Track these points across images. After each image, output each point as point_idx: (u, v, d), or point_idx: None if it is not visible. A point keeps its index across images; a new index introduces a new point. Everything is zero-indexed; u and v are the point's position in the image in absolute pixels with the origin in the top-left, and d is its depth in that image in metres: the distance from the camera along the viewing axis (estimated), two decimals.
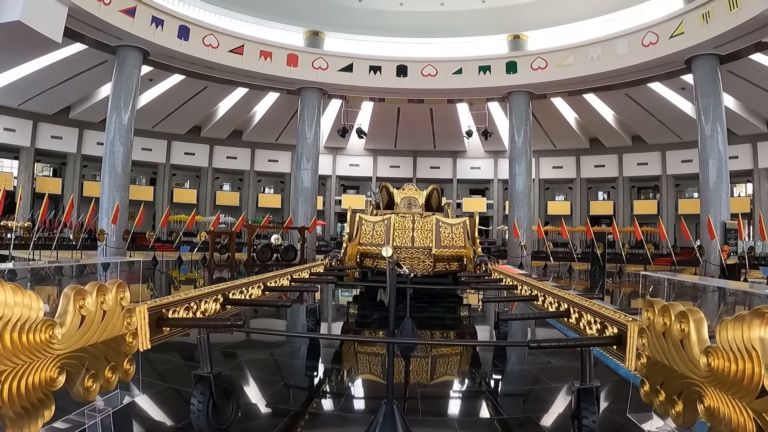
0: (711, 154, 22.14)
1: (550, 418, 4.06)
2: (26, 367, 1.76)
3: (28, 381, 1.76)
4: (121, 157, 23.19)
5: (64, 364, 1.94)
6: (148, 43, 23.52)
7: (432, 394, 4.76)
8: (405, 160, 41.80)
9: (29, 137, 32.37)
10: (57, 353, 1.90)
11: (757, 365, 1.51)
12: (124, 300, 2.32)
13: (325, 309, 10.24)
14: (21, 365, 1.74)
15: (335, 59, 28.20)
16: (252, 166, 40.25)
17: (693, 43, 22.08)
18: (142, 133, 31.78)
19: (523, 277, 5.54)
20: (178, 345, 5.83)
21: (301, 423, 3.76)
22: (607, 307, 3.12)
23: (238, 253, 24.11)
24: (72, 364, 1.98)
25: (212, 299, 3.30)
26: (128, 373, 2.30)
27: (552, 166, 39.86)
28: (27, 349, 1.76)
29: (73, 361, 1.99)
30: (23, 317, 1.75)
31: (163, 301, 2.71)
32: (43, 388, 1.82)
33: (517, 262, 23.59)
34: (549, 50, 27.21)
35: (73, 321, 2.01)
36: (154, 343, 2.55)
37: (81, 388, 2.01)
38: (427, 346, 6.49)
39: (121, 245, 21.96)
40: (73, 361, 1.99)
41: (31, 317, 1.79)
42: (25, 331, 1.76)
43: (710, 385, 1.74)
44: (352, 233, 10.73)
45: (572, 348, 5.33)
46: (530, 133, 28.03)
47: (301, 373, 5.57)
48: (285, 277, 5.00)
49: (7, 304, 1.70)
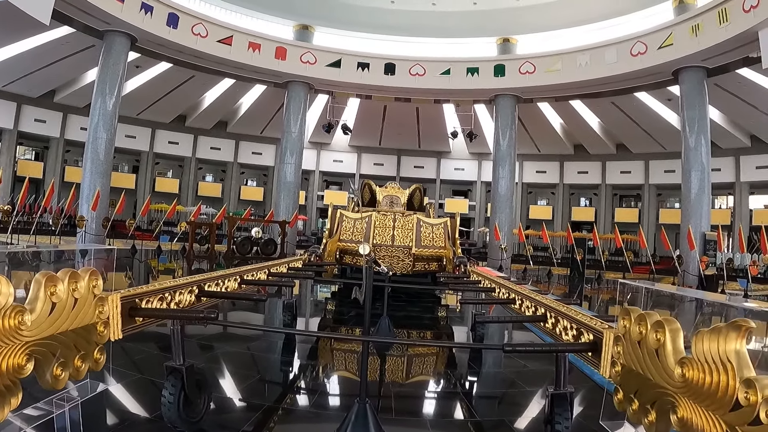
0: (694, 166, 22.33)
1: (524, 421, 4.08)
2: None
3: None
4: (104, 143, 22.93)
5: (32, 352, 1.91)
6: (136, 29, 23.23)
7: (406, 393, 4.76)
8: (389, 158, 41.76)
9: (12, 119, 31.84)
10: (26, 340, 1.88)
11: (732, 378, 1.52)
12: (96, 288, 2.29)
13: (303, 304, 10.22)
14: None
15: (324, 54, 28.07)
16: (236, 157, 39.98)
17: (681, 54, 22.22)
18: (126, 120, 31.44)
19: (502, 280, 5.56)
20: (154, 335, 5.78)
21: (274, 418, 3.74)
22: (584, 313, 3.13)
23: (218, 244, 23.97)
24: (41, 351, 1.95)
25: (187, 291, 3.26)
26: (98, 363, 2.27)
27: (535, 171, 40.00)
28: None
29: (43, 349, 1.96)
30: None
31: (137, 290, 2.68)
32: (10, 375, 1.79)
33: (496, 265, 23.67)
34: (538, 55, 27.29)
35: (44, 308, 1.98)
36: (126, 333, 2.52)
37: (50, 377, 1.98)
38: (404, 346, 6.49)
39: (100, 232, 21.74)
40: (43, 348, 1.96)
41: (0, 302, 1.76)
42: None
43: (684, 396, 1.74)
44: (333, 229, 10.71)
45: (547, 353, 5.40)
46: (515, 136, 28.10)
47: (275, 368, 5.55)
48: (263, 270, 4.96)
49: None
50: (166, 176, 39.29)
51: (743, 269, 20.17)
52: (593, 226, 31.03)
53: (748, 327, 1.57)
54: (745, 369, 1.53)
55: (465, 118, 31.40)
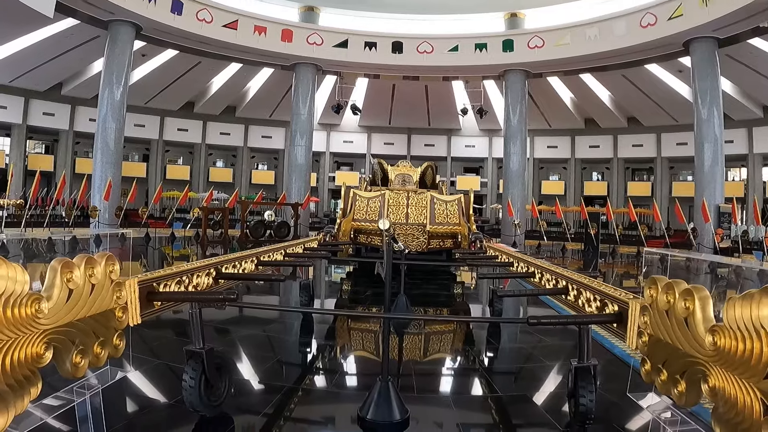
0: (707, 138, 22.09)
1: (545, 396, 4.04)
2: (11, 343, 1.70)
3: (13, 357, 1.71)
4: (114, 133, 23.00)
5: (51, 340, 1.88)
6: (140, 17, 23.15)
7: (426, 371, 4.74)
8: (399, 137, 41.56)
9: (21, 114, 31.98)
10: (43, 328, 1.84)
11: (766, 345, 1.48)
12: (113, 273, 2.26)
13: (319, 285, 10.23)
14: (5, 341, 1.68)
15: (330, 35, 27.87)
16: (245, 142, 39.94)
17: (692, 25, 21.84)
18: (134, 109, 31.45)
19: (519, 254, 5.51)
20: (173, 321, 5.79)
21: (295, 399, 3.73)
22: (606, 284, 3.08)
23: (231, 229, 24.04)
24: (59, 339, 1.92)
25: (204, 273, 3.23)
26: (118, 349, 2.24)
27: (547, 146, 39.71)
28: (12, 324, 1.70)
29: (61, 337, 1.93)
30: (8, 291, 1.69)
31: (154, 274, 2.65)
32: (29, 364, 1.76)
33: (510, 241, 23.60)
34: (546, 29, 26.93)
35: (61, 295, 1.95)
36: (145, 318, 2.50)
37: (69, 365, 1.95)
38: (421, 323, 6.46)
39: (113, 222, 21.86)
40: (61, 336, 1.93)
41: (16, 291, 1.72)
42: (10, 305, 1.70)
43: (716, 364, 1.70)
44: (346, 209, 10.66)
45: (571, 325, 5.36)
46: (526, 112, 27.89)
47: (295, 349, 5.54)
48: (279, 251, 4.94)
49: None
50: (176, 163, 39.39)
51: (758, 241, 20.01)
52: (606, 200, 30.82)
53: None
54: None
55: (475, 94, 31.16)
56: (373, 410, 3.16)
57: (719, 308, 1.69)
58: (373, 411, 3.16)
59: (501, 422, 3.60)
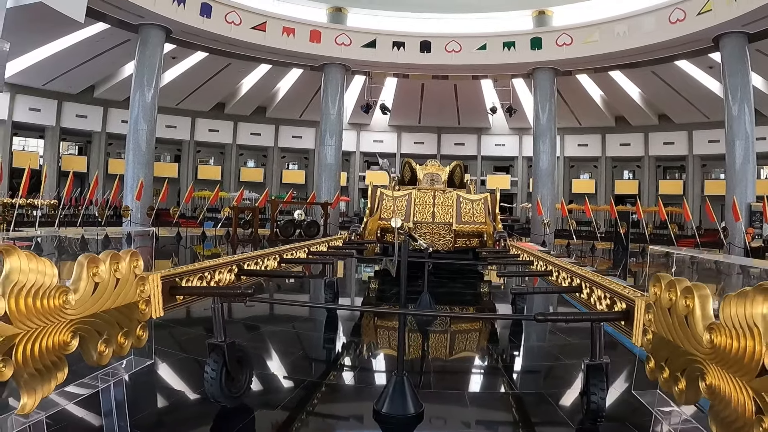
0: (738, 135, 21.71)
1: (562, 394, 4.07)
2: (40, 331, 1.82)
3: (41, 344, 1.83)
4: (145, 134, 23.47)
5: (77, 329, 2.00)
6: (170, 21, 23.58)
7: (445, 368, 4.81)
8: (429, 136, 41.54)
9: (54, 116, 32.78)
10: (70, 318, 1.96)
11: (758, 343, 1.49)
12: (137, 268, 2.37)
13: (346, 283, 10.32)
14: (35, 329, 1.80)
15: (358, 35, 28.03)
16: (276, 142, 40.31)
17: (721, 20, 21.47)
18: (166, 111, 31.98)
19: (540, 253, 5.54)
20: (199, 319, 5.93)
21: (316, 394, 3.82)
22: (618, 282, 3.10)
23: (262, 228, 24.29)
24: (85, 329, 2.04)
25: (226, 270, 3.35)
26: (141, 339, 2.36)
27: (577, 144, 39.36)
28: (41, 313, 1.82)
29: (87, 326, 2.05)
30: (37, 283, 1.81)
31: (177, 270, 2.77)
32: (56, 351, 1.88)
33: (539, 240, 23.48)
34: (574, 26, 26.73)
35: (87, 288, 2.07)
36: (167, 311, 2.61)
37: (94, 353, 2.08)
38: (444, 321, 6.52)
39: (145, 221, 22.25)
40: (87, 326, 2.05)
41: (45, 283, 1.84)
42: (39, 296, 1.82)
43: (712, 362, 1.71)
44: (373, 208, 10.76)
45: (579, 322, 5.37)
46: (555, 110, 27.70)
47: (317, 345, 5.65)
48: (302, 249, 5.04)
49: (22, 271, 1.76)
50: (208, 164, 39.93)
51: None
52: (637, 199, 30.43)
53: None
54: None
55: (503, 93, 31.08)
56: (389, 404, 3.23)
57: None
58: (388, 405, 3.23)
59: (515, 419, 3.64)
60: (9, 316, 1.69)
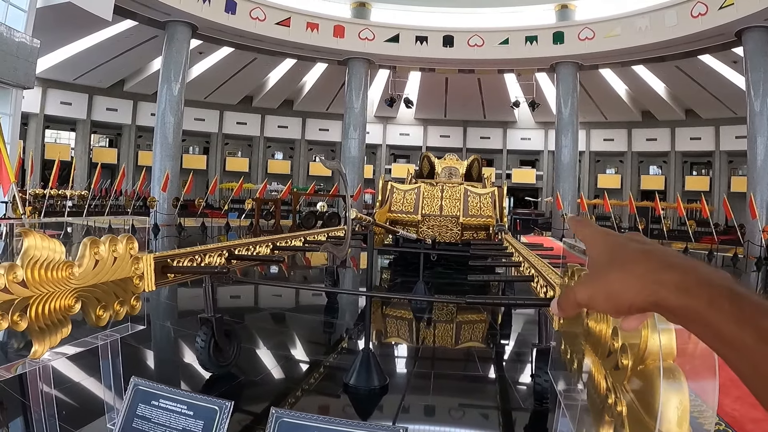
0: (759, 131, 21.49)
1: (519, 376, 4.47)
2: (50, 295, 2.33)
3: (51, 305, 2.34)
4: (172, 127, 24.15)
5: (80, 296, 2.50)
6: (196, 17, 24.21)
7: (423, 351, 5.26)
8: (455, 130, 41.70)
9: (85, 110, 33.87)
10: (74, 286, 2.47)
11: (609, 326, 1.54)
12: (132, 250, 2.87)
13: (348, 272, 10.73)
14: (46, 293, 2.31)
15: (381, 30, 28.39)
16: (303, 135, 40.89)
17: (743, 14, 21.29)
18: (194, 104, 32.81)
19: (517, 243, 5.89)
20: None
21: (293, 368, 4.33)
22: (555, 271, 3.39)
23: (284, 219, 24.85)
24: (87, 296, 2.54)
25: (216, 254, 3.83)
26: (135, 308, 2.86)
27: (603, 138, 39.17)
28: (51, 281, 2.34)
29: (88, 294, 2.55)
30: (48, 258, 2.33)
31: (169, 252, 3.27)
32: (63, 311, 2.39)
33: (559, 234, 23.67)
34: (596, 20, 26.71)
35: (89, 263, 2.57)
36: (159, 286, 3.11)
37: (94, 316, 2.58)
38: (439, 307, 6.97)
39: (170, 212, 22.96)
40: (88, 294, 2.55)
41: (54, 258, 2.36)
42: (50, 268, 2.34)
43: (587, 343, 1.79)
44: (383, 200, 11.23)
45: (506, 306, 5.83)
46: (577, 104, 27.71)
47: (307, 326, 6.17)
48: (298, 239, 5.49)
49: (37, 247, 2.28)
50: (236, 156, 40.66)
51: None
52: (661, 194, 30.31)
53: None
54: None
55: (527, 87, 31.19)
56: (356, 377, 3.69)
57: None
58: (356, 378, 3.69)
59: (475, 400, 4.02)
60: (26, 282, 2.20)
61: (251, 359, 4.33)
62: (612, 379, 1.45)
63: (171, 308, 6.46)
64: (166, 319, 5.80)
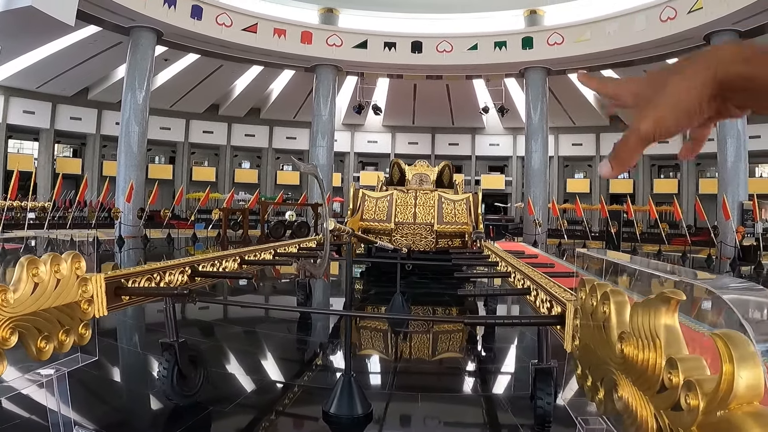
0: (729, 133, 21.87)
1: (513, 396, 4.16)
2: None
3: None
4: (137, 136, 23.46)
5: (16, 326, 2.12)
6: (161, 23, 23.62)
7: (406, 369, 4.93)
8: (423, 136, 41.70)
9: (48, 119, 32.98)
10: (9, 316, 2.08)
11: (659, 356, 1.38)
12: (79, 270, 2.50)
13: (320, 283, 10.23)
14: None
15: (350, 36, 28.10)
16: (270, 143, 40.49)
17: (712, 18, 21.56)
18: (160, 113, 32.17)
19: (503, 253, 5.62)
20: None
21: (266, 393, 3.95)
22: (559, 286, 3.11)
23: (253, 229, 24.38)
24: (25, 326, 2.16)
25: (178, 271, 3.46)
26: (83, 337, 2.48)
27: (571, 143, 39.53)
28: None
29: (26, 324, 2.17)
30: None
31: (123, 271, 2.89)
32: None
33: (531, 240, 23.58)
34: (566, 25, 26.81)
35: (26, 288, 2.19)
36: (112, 311, 2.73)
37: (34, 348, 2.20)
38: (417, 323, 6.64)
39: (136, 223, 22.33)
40: (27, 323, 2.17)
41: None
42: None
43: (623, 373, 1.59)
44: (355, 209, 10.90)
45: (510, 326, 5.48)
46: (546, 109, 27.75)
47: (278, 346, 5.73)
48: (268, 251, 5.14)
49: None
50: (202, 165, 40.10)
51: None
52: (630, 198, 30.54)
53: (678, 299, 1.40)
54: (673, 347, 1.37)
55: (496, 92, 31.22)
56: (336, 405, 3.31)
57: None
58: (336, 406, 3.31)
59: (467, 422, 3.74)
60: None
61: (220, 385, 3.94)
62: (669, 421, 1.22)
63: (130, 328, 6.01)
64: (125, 341, 5.36)
